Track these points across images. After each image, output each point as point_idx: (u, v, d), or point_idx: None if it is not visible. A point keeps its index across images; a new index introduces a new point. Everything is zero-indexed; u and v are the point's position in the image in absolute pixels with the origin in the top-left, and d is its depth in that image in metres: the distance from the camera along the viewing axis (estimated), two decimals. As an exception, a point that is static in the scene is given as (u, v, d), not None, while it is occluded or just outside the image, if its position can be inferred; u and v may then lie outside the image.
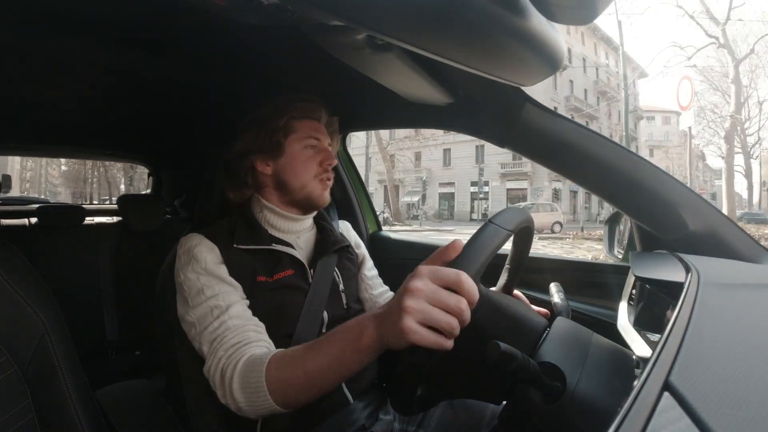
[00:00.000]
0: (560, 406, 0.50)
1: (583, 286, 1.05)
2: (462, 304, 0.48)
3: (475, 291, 0.49)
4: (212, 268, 0.77)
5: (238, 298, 0.76)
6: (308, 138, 0.88)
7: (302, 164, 0.87)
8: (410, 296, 0.48)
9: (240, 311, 0.74)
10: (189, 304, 0.75)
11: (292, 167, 0.87)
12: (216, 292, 0.75)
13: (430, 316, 0.48)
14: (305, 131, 0.88)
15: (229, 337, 0.70)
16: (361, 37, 0.62)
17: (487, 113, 0.91)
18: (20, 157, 19.99)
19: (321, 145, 0.90)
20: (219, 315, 0.72)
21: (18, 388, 0.62)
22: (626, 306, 0.79)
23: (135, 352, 1.88)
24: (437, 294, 0.48)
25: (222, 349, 0.69)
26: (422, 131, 21.28)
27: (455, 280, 0.49)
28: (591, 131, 0.82)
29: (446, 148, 26.60)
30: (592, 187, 0.84)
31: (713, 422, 0.27)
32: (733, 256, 0.74)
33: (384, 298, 1.03)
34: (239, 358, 0.67)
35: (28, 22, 0.80)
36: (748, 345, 0.40)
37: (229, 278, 0.77)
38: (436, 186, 27.65)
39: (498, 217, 0.56)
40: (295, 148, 0.88)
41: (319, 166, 0.88)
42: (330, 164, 0.89)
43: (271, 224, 0.88)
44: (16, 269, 0.69)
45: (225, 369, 0.67)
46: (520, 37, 0.55)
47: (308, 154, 0.88)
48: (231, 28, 0.76)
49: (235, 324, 0.71)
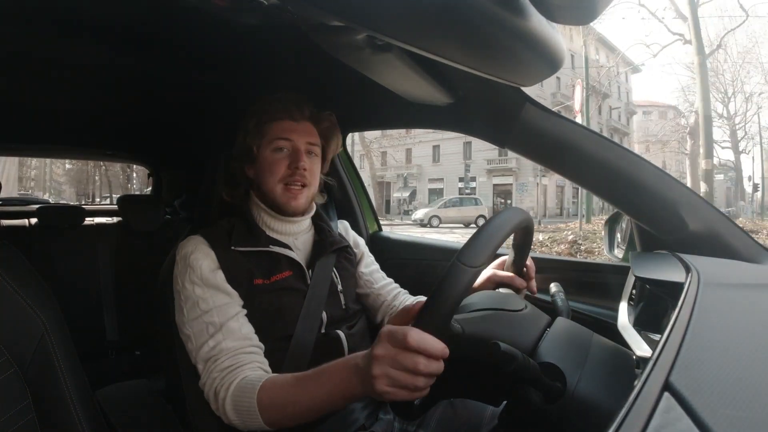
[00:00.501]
0: (560, 407, 0.50)
1: (583, 286, 1.05)
2: (419, 364, 0.51)
3: (428, 344, 0.51)
4: (208, 276, 0.77)
5: (234, 312, 0.76)
6: (276, 140, 0.85)
7: (269, 169, 0.85)
8: (376, 363, 0.53)
9: (235, 328, 0.74)
10: (185, 315, 0.76)
11: (263, 172, 0.86)
12: (211, 306, 0.75)
13: (395, 379, 0.52)
14: (274, 133, 0.85)
15: (222, 359, 0.72)
16: (361, 38, 0.62)
17: (487, 113, 0.91)
18: (19, 158, 20.00)
19: (293, 145, 0.86)
20: (214, 333, 0.73)
21: (18, 388, 0.62)
22: (626, 306, 0.79)
23: (135, 352, 1.88)
24: (396, 359, 0.52)
25: (216, 371, 0.71)
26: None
27: (402, 343, 0.51)
28: (591, 131, 0.82)
29: (435, 144, 27.28)
30: (592, 187, 0.84)
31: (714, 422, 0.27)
32: (733, 256, 0.74)
33: (387, 290, 1.02)
34: (231, 381, 0.69)
35: (28, 22, 0.80)
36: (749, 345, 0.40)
37: (225, 286, 0.78)
38: (426, 182, 28.16)
39: (463, 254, 0.53)
40: (265, 152, 0.86)
41: (287, 169, 0.85)
42: (296, 167, 0.84)
43: (268, 225, 0.88)
44: (17, 270, 0.69)
45: (218, 389, 0.70)
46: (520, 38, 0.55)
47: (276, 158, 0.85)
48: (231, 28, 0.76)
49: (229, 346, 0.73)
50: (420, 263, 1.39)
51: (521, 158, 29.82)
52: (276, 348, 0.78)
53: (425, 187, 28.25)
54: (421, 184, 27.87)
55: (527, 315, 0.63)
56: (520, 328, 0.60)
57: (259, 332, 0.78)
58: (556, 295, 0.76)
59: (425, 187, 28.22)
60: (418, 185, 27.50)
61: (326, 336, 0.83)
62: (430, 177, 28.03)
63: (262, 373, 0.71)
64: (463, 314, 0.62)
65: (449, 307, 0.52)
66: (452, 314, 0.54)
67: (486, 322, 0.61)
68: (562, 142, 0.81)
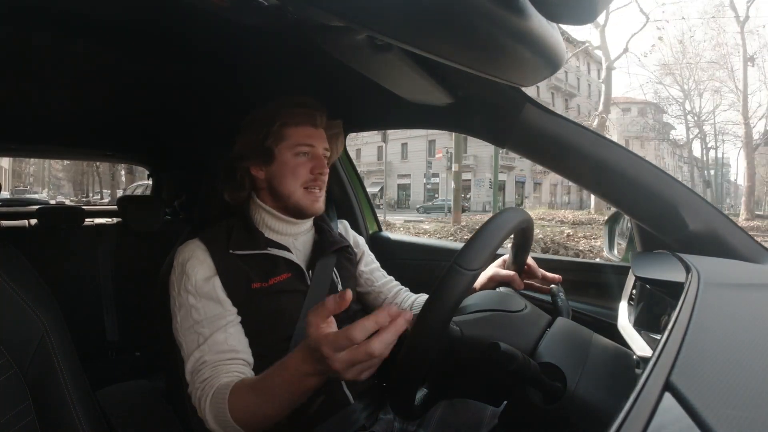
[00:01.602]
0: (560, 407, 0.50)
1: (583, 286, 1.05)
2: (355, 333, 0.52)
3: (340, 345, 0.53)
4: (202, 285, 0.78)
5: (224, 323, 0.76)
6: (300, 145, 0.86)
7: (291, 172, 0.86)
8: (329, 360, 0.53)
9: (220, 340, 0.75)
10: (179, 323, 0.77)
11: (282, 174, 0.86)
12: (202, 316, 0.76)
13: (350, 360, 0.53)
14: (297, 138, 0.86)
15: (203, 371, 0.72)
16: (361, 38, 0.62)
17: (487, 113, 0.91)
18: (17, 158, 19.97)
19: (314, 151, 0.87)
20: (200, 344, 0.74)
21: (18, 389, 0.62)
22: (626, 306, 0.79)
23: (135, 353, 1.88)
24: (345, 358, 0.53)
25: (198, 382, 0.72)
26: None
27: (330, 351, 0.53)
28: (591, 131, 0.82)
29: (404, 142, 29.04)
30: (592, 187, 0.84)
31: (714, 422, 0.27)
32: (733, 256, 0.74)
33: (389, 288, 1.04)
34: (209, 391, 0.70)
35: (28, 22, 0.80)
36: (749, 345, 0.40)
37: (219, 295, 0.78)
38: (395, 177, 29.75)
39: (461, 257, 0.53)
40: (285, 155, 0.86)
41: (310, 173, 0.86)
42: (320, 172, 0.86)
43: (269, 226, 0.88)
44: (17, 271, 0.69)
45: (200, 400, 0.70)
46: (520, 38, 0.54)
47: (298, 162, 0.86)
48: (231, 29, 0.76)
49: (212, 359, 0.73)
50: (420, 263, 1.39)
51: (478, 155, 27.43)
52: (276, 349, 0.78)
53: (395, 183, 30.10)
54: (390, 179, 28.98)
55: (527, 315, 0.63)
56: (520, 328, 0.60)
57: (259, 335, 0.78)
58: (556, 295, 0.76)
59: (395, 182, 30.05)
60: (388, 180, 28.54)
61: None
62: (399, 173, 29.87)
63: (235, 379, 0.71)
64: (463, 316, 0.62)
65: (447, 311, 0.52)
66: (450, 318, 0.54)
67: (485, 323, 0.61)
68: (562, 142, 0.81)
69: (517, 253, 0.82)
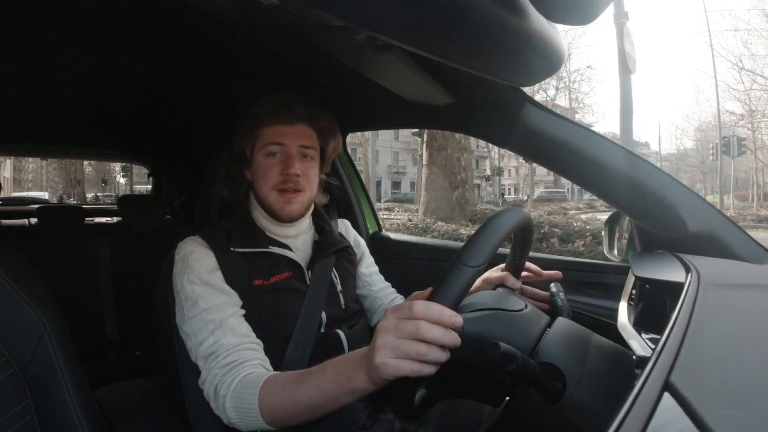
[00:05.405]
0: (560, 407, 0.50)
1: (583, 286, 1.05)
2: (420, 327, 0.49)
3: (434, 310, 0.49)
4: (207, 277, 0.77)
5: (233, 311, 0.76)
6: (269, 145, 0.83)
7: (262, 175, 0.83)
8: (379, 335, 0.52)
9: (235, 326, 0.74)
10: (185, 314, 0.76)
11: (256, 178, 0.85)
12: (210, 304, 0.75)
13: (398, 347, 0.50)
14: (266, 137, 0.83)
15: (223, 355, 0.71)
16: (361, 38, 0.62)
17: (486, 113, 0.91)
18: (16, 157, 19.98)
19: (285, 150, 0.83)
20: (214, 330, 0.73)
21: (18, 388, 0.62)
22: (626, 306, 0.78)
23: (135, 352, 1.88)
24: (398, 327, 0.50)
25: (217, 367, 0.70)
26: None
27: (407, 312, 0.50)
28: (591, 131, 0.82)
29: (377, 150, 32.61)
30: (592, 187, 0.84)
31: (714, 423, 0.27)
32: (733, 256, 0.74)
33: (385, 294, 1.03)
34: (233, 378, 0.68)
35: (28, 22, 0.80)
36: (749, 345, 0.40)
37: (223, 286, 0.77)
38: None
39: (463, 254, 0.53)
40: (257, 157, 0.84)
41: (279, 175, 0.83)
42: (287, 173, 0.82)
43: (265, 227, 0.88)
44: (16, 270, 0.69)
45: (219, 387, 0.69)
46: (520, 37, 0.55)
47: (269, 163, 0.83)
48: (231, 28, 0.76)
49: (230, 342, 0.72)
50: (420, 263, 1.39)
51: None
52: (275, 348, 0.78)
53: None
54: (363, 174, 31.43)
55: (527, 315, 0.63)
56: (520, 328, 0.60)
57: (258, 332, 0.78)
58: (556, 295, 0.76)
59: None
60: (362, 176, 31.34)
61: (326, 335, 0.83)
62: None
63: (263, 371, 0.71)
64: (463, 314, 0.62)
65: (450, 307, 0.52)
66: (459, 301, 0.53)
67: (486, 321, 0.60)
68: (562, 142, 0.81)
69: (516, 254, 0.82)
